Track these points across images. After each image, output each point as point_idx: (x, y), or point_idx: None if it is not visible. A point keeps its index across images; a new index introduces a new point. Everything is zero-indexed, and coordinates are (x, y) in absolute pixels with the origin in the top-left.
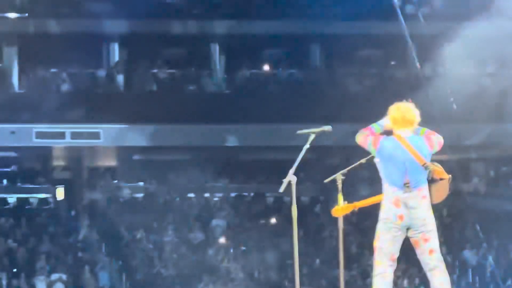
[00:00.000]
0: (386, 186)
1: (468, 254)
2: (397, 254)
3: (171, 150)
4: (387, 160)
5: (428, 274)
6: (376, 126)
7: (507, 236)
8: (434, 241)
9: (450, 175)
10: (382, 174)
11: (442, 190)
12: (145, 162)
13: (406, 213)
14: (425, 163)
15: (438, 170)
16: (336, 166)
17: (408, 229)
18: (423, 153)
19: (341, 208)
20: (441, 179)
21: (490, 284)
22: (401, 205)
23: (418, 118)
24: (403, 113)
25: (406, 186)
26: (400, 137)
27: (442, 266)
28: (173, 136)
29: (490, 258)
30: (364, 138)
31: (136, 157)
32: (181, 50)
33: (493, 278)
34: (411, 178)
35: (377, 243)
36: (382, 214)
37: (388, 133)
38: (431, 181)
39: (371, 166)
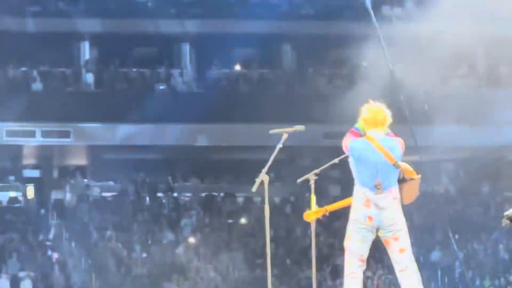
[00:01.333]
0: (357, 187)
1: (438, 255)
2: (366, 255)
3: (141, 149)
4: (359, 162)
5: (399, 274)
6: (360, 126)
7: (475, 237)
8: (404, 240)
9: (420, 175)
10: (354, 174)
11: (413, 191)
12: (116, 161)
13: (376, 214)
14: (396, 162)
15: (409, 170)
16: (307, 166)
17: (378, 229)
18: (395, 154)
19: (313, 212)
20: (411, 179)
21: (459, 284)
22: (372, 206)
23: (389, 119)
24: (374, 113)
25: (377, 187)
26: (371, 138)
27: (413, 265)
28: (143, 135)
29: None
30: (345, 139)
31: (106, 156)
32: (152, 49)
33: (462, 279)
34: (382, 179)
35: (347, 243)
36: (352, 215)
37: (361, 134)
38: (401, 181)
39: (343, 166)
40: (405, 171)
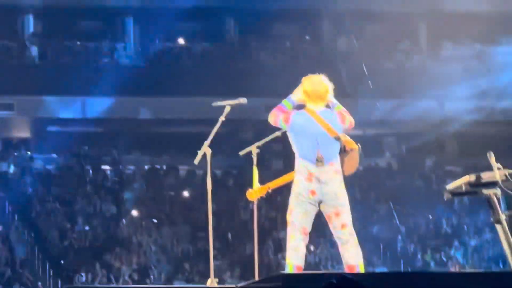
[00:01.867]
0: (298, 161)
1: (380, 229)
2: (309, 228)
3: (85, 122)
4: (299, 135)
5: (341, 249)
6: (287, 103)
7: (417, 211)
8: (346, 215)
9: (359, 145)
10: (294, 148)
11: (353, 161)
12: (59, 134)
13: (318, 188)
14: (336, 135)
15: (348, 141)
16: (249, 139)
17: (320, 203)
18: (335, 126)
19: (256, 191)
20: (351, 150)
21: (400, 258)
22: (313, 179)
23: (331, 92)
24: (315, 86)
25: (318, 160)
26: (312, 111)
27: (354, 239)
28: (86, 108)
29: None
30: (275, 117)
31: (50, 128)
32: (95, 22)
33: (403, 253)
34: (323, 152)
35: (289, 217)
36: (295, 188)
37: (300, 107)
38: (341, 152)
39: (285, 140)
40: (345, 142)
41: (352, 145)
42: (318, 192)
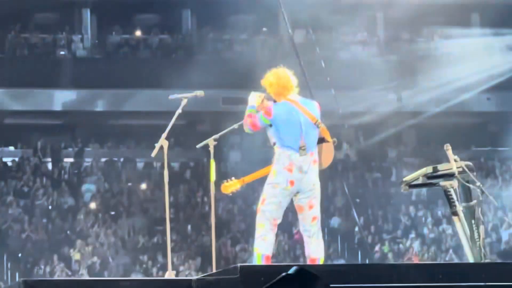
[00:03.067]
0: (280, 150)
1: (337, 221)
2: (280, 220)
3: (42, 114)
4: (283, 124)
5: (307, 240)
6: (251, 110)
7: (376, 203)
8: (317, 209)
9: (335, 139)
10: (275, 139)
11: (329, 154)
12: (16, 126)
13: (298, 178)
14: (317, 121)
15: (326, 131)
16: (206, 131)
17: (296, 193)
18: (315, 113)
19: (230, 184)
20: (327, 141)
21: (358, 250)
22: (294, 169)
23: (295, 81)
24: (285, 80)
25: (301, 148)
26: (293, 101)
27: (320, 233)
28: (44, 100)
29: (360, 225)
30: (250, 122)
31: (7, 121)
32: (52, 14)
33: (361, 245)
34: (306, 140)
35: (261, 206)
36: (273, 179)
37: (275, 99)
38: (320, 142)
39: (242, 132)
40: (323, 131)
41: (329, 136)
42: (297, 182)
